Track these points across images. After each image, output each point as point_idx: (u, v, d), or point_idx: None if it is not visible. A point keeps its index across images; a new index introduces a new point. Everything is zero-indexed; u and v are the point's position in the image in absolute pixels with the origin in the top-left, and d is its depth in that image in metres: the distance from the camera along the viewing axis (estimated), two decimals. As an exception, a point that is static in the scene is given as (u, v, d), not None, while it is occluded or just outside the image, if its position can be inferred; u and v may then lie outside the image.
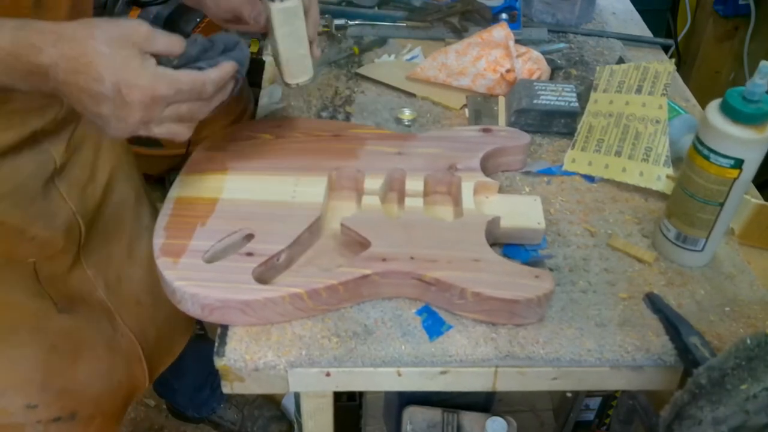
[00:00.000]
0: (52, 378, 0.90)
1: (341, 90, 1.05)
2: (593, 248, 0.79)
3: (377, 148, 0.85)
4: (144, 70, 0.60)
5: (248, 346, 0.67)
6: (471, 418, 0.99)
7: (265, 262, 0.70)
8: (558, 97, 0.95)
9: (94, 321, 0.95)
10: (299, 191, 0.79)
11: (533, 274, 0.69)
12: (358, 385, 0.70)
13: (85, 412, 0.95)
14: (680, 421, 0.57)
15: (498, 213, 0.77)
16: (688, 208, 0.73)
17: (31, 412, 0.89)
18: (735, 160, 0.67)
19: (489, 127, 0.90)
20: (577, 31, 1.22)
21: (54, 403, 0.91)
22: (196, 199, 0.77)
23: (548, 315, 0.71)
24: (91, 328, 0.94)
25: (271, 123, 0.91)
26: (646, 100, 0.90)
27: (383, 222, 0.76)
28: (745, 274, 0.77)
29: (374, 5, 1.24)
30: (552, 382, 0.69)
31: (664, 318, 0.70)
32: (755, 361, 0.54)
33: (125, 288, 0.98)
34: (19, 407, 0.88)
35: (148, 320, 1.03)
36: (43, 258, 0.86)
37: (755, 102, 0.65)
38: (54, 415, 0.91)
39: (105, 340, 0.96)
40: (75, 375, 0.93)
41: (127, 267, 0.99)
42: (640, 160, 0.86)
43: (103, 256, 0.94)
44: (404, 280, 0.70)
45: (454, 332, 0.69)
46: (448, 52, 1.05)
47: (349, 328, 0.69)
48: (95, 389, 0.96)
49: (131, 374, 1.02)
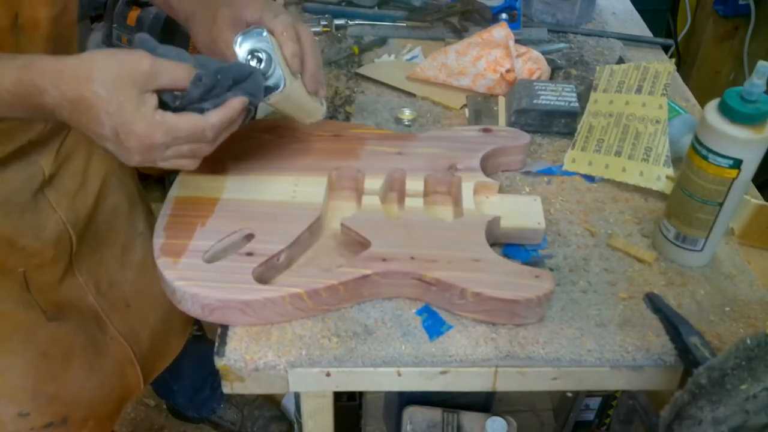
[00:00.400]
0: (43, 385, 0.90)
1: (341, 90, 1.05)
2: (593, 248, 0.79)
3: (377, 148, 0.85)
4: (141, 117, 0.59)
5: (248, 346, 0.67)
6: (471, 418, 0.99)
7: (265, 262, 0.70)
8: (558, 97, 0.95)
9: (84, 326, 0.94)
10: (299, 191, 0.79)
11: (533, 275, 0.69)
12: (358, 385, 0.70)
13: (77, 416, 0.95)
14: (680, 421, 0.57)
15: (498, 213, 0.77)
16: (687, 208, 0.73)
17: (23, 421, 0.89)
18: (733, 160, 0.67)
19: (489, 127, 0.90)
20: (577, 31, 1.22)
21: (46, 410, 0.91)
22: (196, 199, 0.77)
23: (548, 315, 0.71)
24: (81, 333, 0.94)
25: (272, 123, 0.91)
26: (646, 100, 0.90)
27: (383, 222, 0.76)
28: (745, 274, 0.77)
29: (374, 5, 1.24)
30: (552, 382, 0.69)
31: (664, 318, 0.70)
32: (755, 361, 0.54)
33: (115, 292, 0.98)
34: (11, 416, 0.88)
35: (139, 323, 1.03)
36: (34, 267, 0.85)
37: (753, 102, 0.66)
38: (46, 421, 0.91)
39: (94, 344, 0.96)
40: (66, 381, 0.92)
41: (119, 272, 0.99)
42: (640, 160, 0.86)
43: (94, 262, 0.94)
44: (404, 280, 0.70)
45: (454, 332, 0.69)
46: (448, 52, 1.05)
47: (349, 328, 0.69)
48: (87, 394, 0.96)
49: (124, 377, 1.02)
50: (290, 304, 0.68)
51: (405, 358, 0.67)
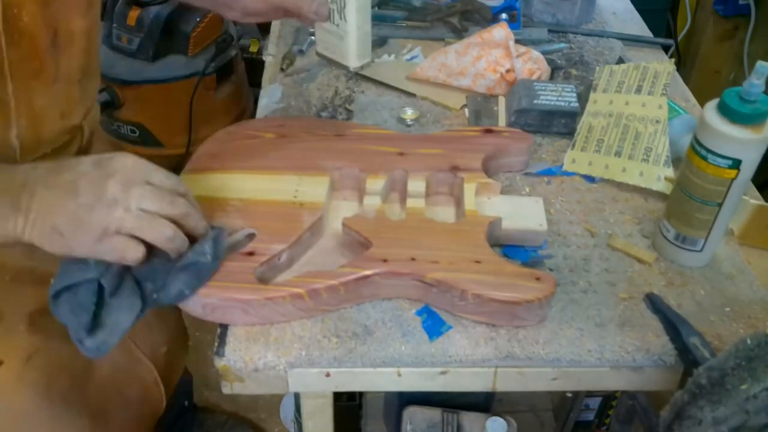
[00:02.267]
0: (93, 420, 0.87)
1: (341, 90, 1.05)
2: (593, 248, 0.79)
3: (379, 148, 0.85)
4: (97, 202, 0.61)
5: (248, 346, 0.67)
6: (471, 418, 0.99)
7: (266, 262, 0.70)
8: (558, 97, 0.95)
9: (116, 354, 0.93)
10: (301, 191, 0.79)
11: (534, 276, 0.69)
12: (358, 386, 0.70)
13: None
14: (680, 421, 0.57)
15: (500, 214, 0.77)
16: (687, 209, 0.73)
17: None
18: (733, 161, 0.67)
19: (491, 128, 0.90)
20: (577, 31, 1.22)
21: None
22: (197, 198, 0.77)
23: (548, 315, 0.71)
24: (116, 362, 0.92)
25: (274, 122, 0.91)
26: (646, 100, 0.90)
27: (385, 222, 0.76)
28: (745, 275, 0.77)
29: (374, 5, 1.24)
30: (552, 382, 0.69)
31: (664, 318, 0.70)
32: (755, 361, 0.54)
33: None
34: None
35: (158, 341, 1.01)
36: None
37: (752, 102, 0.66)
38: None
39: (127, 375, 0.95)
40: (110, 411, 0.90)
41: None
42: (640, 161, 0.86)
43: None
44: (405, 281, 0.70)
45: (453, 332, 0.69)
46: (448, 52, 1.05)
47: (349, 329, 0.69)
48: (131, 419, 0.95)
49: (151, 401, 1.00)
50: (291, 304, 0.68)
51: (405, 359, 0.67)
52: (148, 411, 1.00)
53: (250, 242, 0.72)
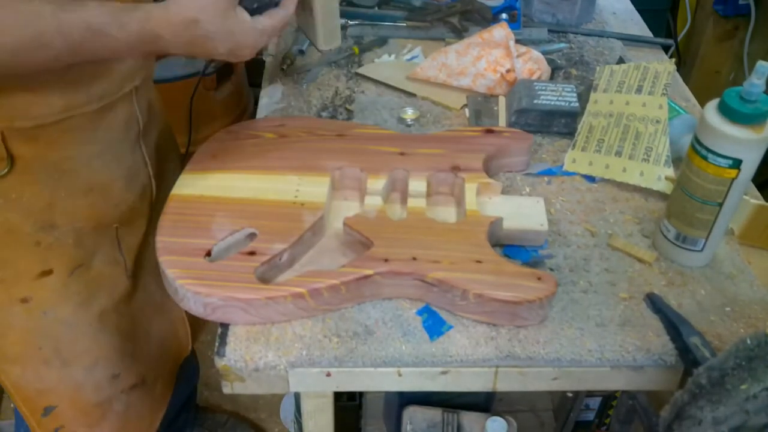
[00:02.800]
0: (126, 344, 0.91)
1: (341, 90, 1.05)
2: (594, 248, 0.79)
3: (380, 148, 0.86)
4: (246, 34, 0.70)
5: (249, 346, 0.67)
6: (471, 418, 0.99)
7: (267, 261, 0.70)
8: (558, 97, 0.95)
9: (149, 284, 0.96)
10: (302, 190, 0.79)
11: (536, 276, 0.69)
12: (358, 385, 0.70)
13: (150, 377, 0.97)
14: (680, 421, 0.57)
15: (501, 214, 0.77)
16: (687, 209, 0.73)
17: (115, 383, 0.91)
18: (733, 160, 0.68)
19: (492, 128, 0.90)
20: (577, 31, 1.22)
21: (131, 370, 0.92)
22: (198, 198, 0.77)
23: (549, 315, 0.71)
24: (149, 292, 0.95)
25: (274, 121, 0.91)
26: (646, 100, 0.90)
27: (386, 222, 0.76)
28: (745, 274, 0.77)
29: (374, 5, 1.24)
30: (552, 382, 0.69)
31: (664, 318, 0.70)
32: (755, 361, 0.54)
33: None
34: (107, 379, 0.90)
35: None
36: (125, 222, 0.87)
37: (753, 102, 0.66)
38: (132, 382, 0.93)
39: (158, 304, 0.98)
40: (138, 339, 0.94)
41: None
42: (641, 160, 0.86)
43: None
44: (406, 280, 0.70)
45: (454, 332, 0.69)
46: (448, 52, 1.05)
47: (349, 328, 0.69)
48: (154, 352, 0.97)
49: (177, 338, 1.04)
50: (292, 304, 0.68)
51: (405, 358, 0.67)
52: (175, 348, 1.03)
53: (251, 242, 0.72)
